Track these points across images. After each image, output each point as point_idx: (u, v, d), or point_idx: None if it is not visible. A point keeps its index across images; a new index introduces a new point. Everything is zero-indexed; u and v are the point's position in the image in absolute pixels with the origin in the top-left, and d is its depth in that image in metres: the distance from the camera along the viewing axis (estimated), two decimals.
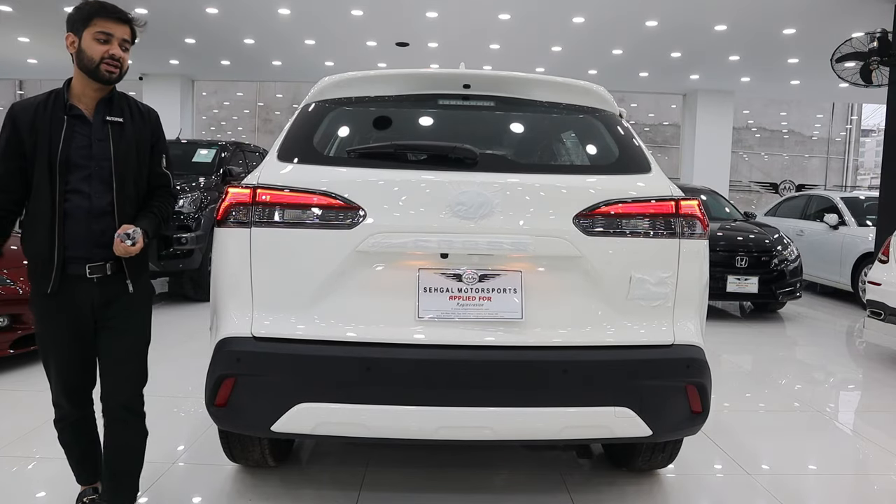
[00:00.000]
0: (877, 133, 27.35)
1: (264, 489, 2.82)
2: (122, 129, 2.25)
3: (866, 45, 7.40)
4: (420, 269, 2.21)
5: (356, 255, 2.19)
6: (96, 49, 2.16)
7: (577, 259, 2.24)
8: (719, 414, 3.95)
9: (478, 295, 2.20)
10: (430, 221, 2.21)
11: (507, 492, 2.88)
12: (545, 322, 2.23)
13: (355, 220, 2.20)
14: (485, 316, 2.19)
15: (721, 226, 7.53)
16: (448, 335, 2.17)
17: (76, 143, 2.17)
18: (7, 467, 2.94)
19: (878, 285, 5.38)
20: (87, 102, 2.22)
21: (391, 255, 2.21)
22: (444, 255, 2.21)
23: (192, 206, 6.92)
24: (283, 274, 2.22)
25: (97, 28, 2.16)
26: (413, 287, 2.19)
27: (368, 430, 2.24)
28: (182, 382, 4.16)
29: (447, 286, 2.20)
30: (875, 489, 3.14)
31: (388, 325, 2.18)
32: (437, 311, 2.18)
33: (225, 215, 2.33)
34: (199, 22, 11.07)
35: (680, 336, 2.34)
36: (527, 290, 2.23)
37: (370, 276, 2.21)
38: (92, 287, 2.22)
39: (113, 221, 2.20)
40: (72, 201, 2.17)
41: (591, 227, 2.26)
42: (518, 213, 2.24)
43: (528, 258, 2.24)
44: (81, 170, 2.17)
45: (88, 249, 2.19)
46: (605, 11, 9.95)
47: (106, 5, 2.20)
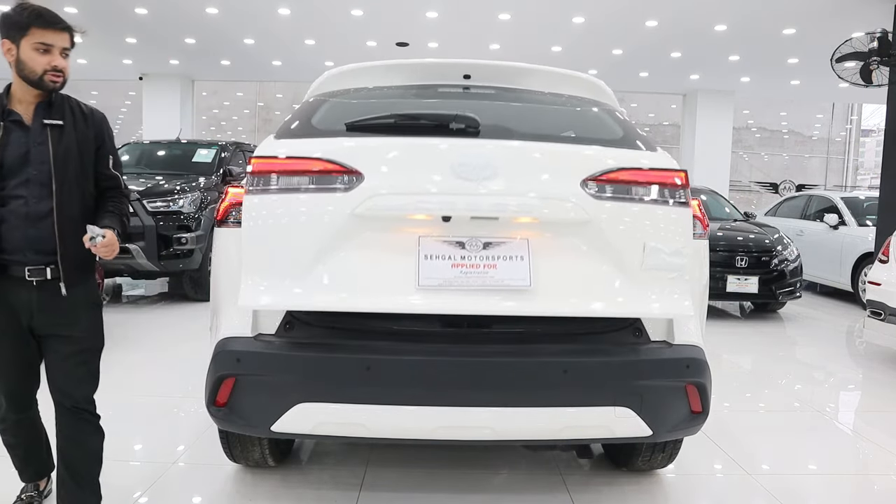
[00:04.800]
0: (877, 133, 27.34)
1: (264, 489, 2.82)
2: (62, 131, 2.20)
3: (866, 45, 7.39)
4: (421, 236, 2.11)
5: (353, 220, 2.09)
6: (38, 61, 2.12)
7: (586, 224, 2.14)
8: (719, 414, 3.95)
9: (482, 262, 2.08)
10: (430, 183, 2.11)
11: (507, 492, 2.88)
12: (555, 291, 2.11)
13: (352, 184, 2.10)
14: (490, 284, 2.06)
15: (721, 226, 7.53)
16: (450, 304, 2.06)
17: (12, 148, 2.14)
18: (7, 467, 2.94)
19: (878, 285, 5.38)
20: (26, 108, 2.18)
21: (390, 219, 2.12)
22: (445, 218, 2.10)
23: (192, 206, 6.92)
24: (276, 241, 2.12)
25: (36, 39, 2.11)
26: (413, 255, 2.08)
27: (368, 430, 2.23)
28: (182, 382, 4.16)
29: (449, 253, 2.09)
30: (875, 489, 3.14)
31: (387, 294, 2.08)
32: (439, 278, 2.06)
33: (225, 215, 2.34)
34: (199, 22, 11.06)
35: (680, 336, 2.35)
36: (534, 257, 2.11)
37: (368, 243, 2.11)
38: (31, 290, 2.17)
39: (52, 226, 2.15)
40: (10, 206, 2.14)
41: (601, 192, 2.16)
42: (523, 175, 2.14)
43: (534, 225, 2.14)
44: (19, 175, 2.14)
45: (25, 254, 2.15)
46: (605, 11, 9.95)
47: (43, 14, 2.13)
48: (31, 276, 2.15)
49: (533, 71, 2.65)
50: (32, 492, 2.53)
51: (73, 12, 10.66)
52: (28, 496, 2.51)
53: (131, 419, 3.45)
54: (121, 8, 10.38)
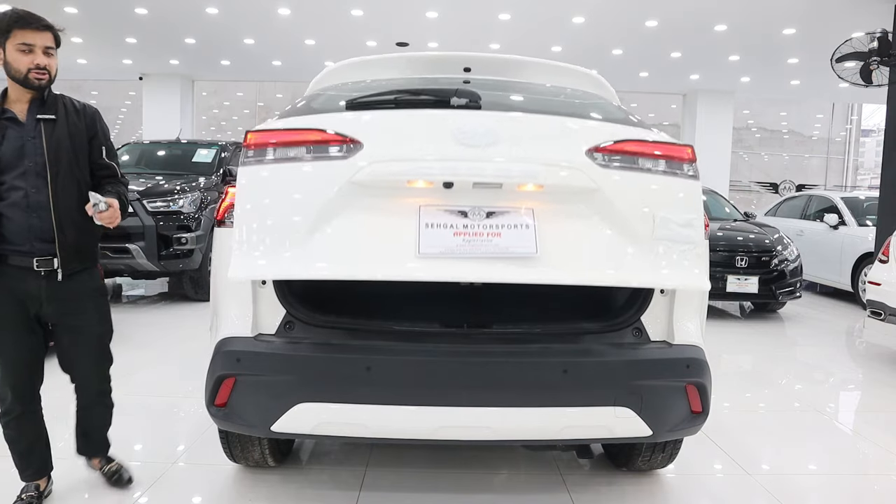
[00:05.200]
0: (877, 133, 27.33)
1: (264, 489, 2.81)
2: (55, 125, 2.34)
3: (866, 45, 7.39)
4: (421, 205, 2.02)
5: (351, 188, 2.01)
6: (21, 60, 2.26)
7: (593, 192, 2.06)
8: (719, 414, 3.94)
9: (486, 231, 1.99)
10: (431, 150, 2.04)
11: (507, 492, 2.88)
12: (563, 260, 2.02)
13: (351, 152, 2.03)
14: (494, 252, 1.96)
15: (721, 226, 7.53)
16: (453, 271, 1.95)
17: (9, 143, 2.29)
18: (7, 466, 2.94)
19: (878, 285, 5.38)
20: (20, 106, 2.34)
21: (390, 187, 2.03)
22: (447, 184, 2.01)
23: (192, 206, 6.92)
24: (270, 211, 2.04)
25: (18, 40, 2.25)
26: (414, 224, 2.00)
27: (369, 430, 2.23)
28: (182, 382, 4.16)
29: (451, 222, 2.00)
30: (875, 489, 3.14)
31: (386, 263, 1.98)
32: (441, 246, 1.96)
33: (225, 215, 2.33)
34: (199, 22, 11.07)
35: (680, 336, 2.35)
36: (540, 226, 2.01)
37: (367, 213, 2.03)
38: (40, 280, 2.31)
39: (50, 214, 2.30)
40: (10, 198, 2.28)
41: (608, 161, 2.09)
42: (527, 144, 2.08)
43: (539, 194, 2.06)
44: (16, 168, 2.29)
45: (31, 243, 2.30)
46: (605, 11, 9.95)
47: (24, 15, 2.26)
48: (39, 267, 2.29)
49: (534, 63, 2.64)
50: (33, 492, 2.55)
51: (73, 12, 10.67)
52: (28, 496, 2.53)
53: (131, 419, 3.44)
54: (121, 8, 10.38)
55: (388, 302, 3.30)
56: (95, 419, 2.69)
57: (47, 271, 2.31)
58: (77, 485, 2.79)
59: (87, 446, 2.75)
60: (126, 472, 2.75)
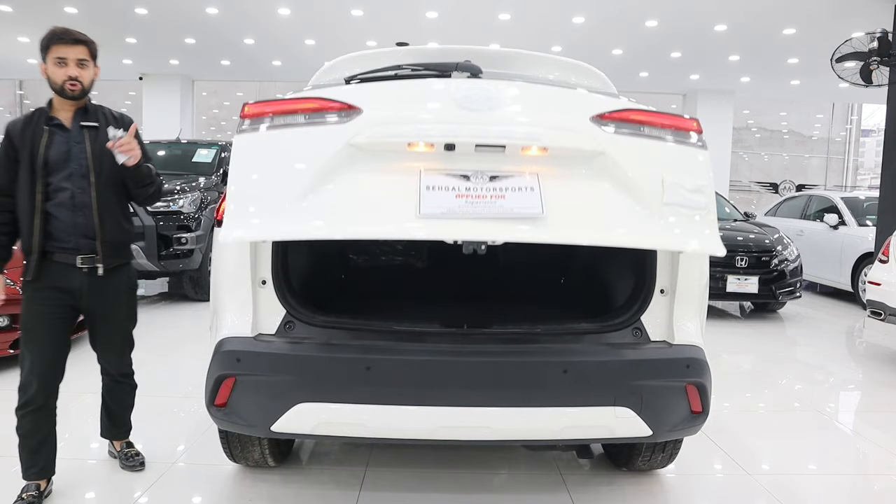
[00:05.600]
0: (877, 133, 27.32)
1: (264, 489, 2.81)
2: (97, 132, 2.57)
3: (866, 45, 7.39)
4: (422, 169, 1.93)
5: (349, 151, 1.93)
6: (57, 73, 2.51)
7: (599, 156, 1.98)
8: (719, 414, 3.94)
9: (489, 193, 1.90)
10: (432, 112, 1.99)
11: (507, 492, 2.88)
12: (570, 220, 1.93)
13: (349, 117, 1.96)
14: (498, 213, 1.87)
15: (721, 226, 7.47)
16: (455, 231, 1.86)
17: (56, 147, 2.51)
18: (7, 467, 2.94)
19: (878, 285, 5.38)
20: (66, 114, 2.57)
21: (389, 151, 1.95)
22: (448, 146, 1.93)
23: (192, 206, 6.92)
24: (265, 175, 1.96)
25: (54, 54, 2.50)
26: (414, 187, 1.90)
27: (369, 430, 2.23)
28: (182, 382, 4.16)
29: (453, 185, 1.91)
30: (875, 489, 3.14)
31: (385, 223, 1.89)
32: (443, 207, 1.86)
33: None
34: (199, 22, 11.07)
35: (680, 336, 2.35)
36: (545, 189, 1.92)
37: (366, 176, 1.94)
38: (83, 275, 2.53)
39: (93, 213, 2.52)
40: (57, 198, 2.50)
41: (612, 127, 2.02)
42: (530, 109, 2.03)
43: (544, 158, 1.98)
44: (63, 170, 2.51)
45: (76, 240, 2.51)
46: (605, 11, 9.95)
47: (59, 32, 2.51)
48: (82, 264, 2.52)
49: (537, 57, 2.62)
50: (34, 491, 2.56)
51: (73, 12, 10.67)
52: (29, 496, 2.55)
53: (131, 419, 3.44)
54: (121, 8, 10.38)
55: (388, 301, 3.30)
56: (121, 399, 2.90)
57: (90, 268, 2.52)
58: (77, 485, 2.79)
59: (112, 429, 2.94)
60: (141, 457, 2.94)
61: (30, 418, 2.54)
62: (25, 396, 2.53)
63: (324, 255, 3.36)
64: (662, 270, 2.43)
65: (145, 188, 2.67)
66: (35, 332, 2.53)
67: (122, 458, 2.92)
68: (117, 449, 2.96)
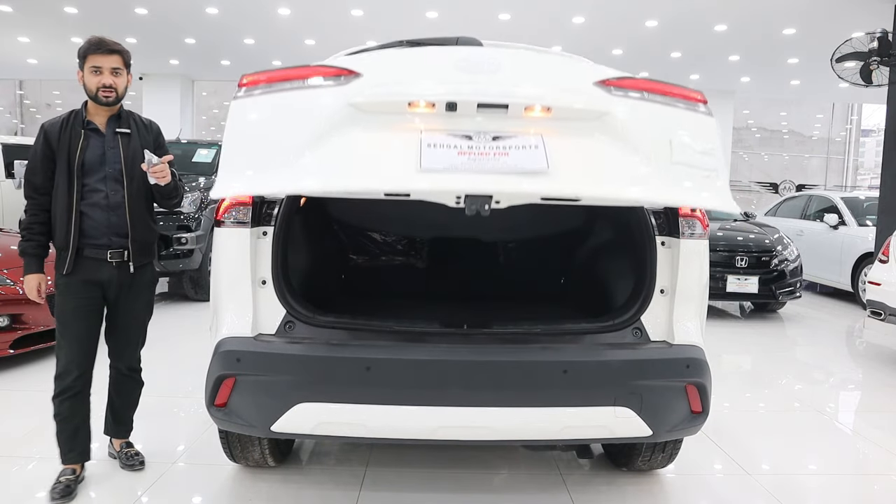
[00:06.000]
0: (877, 133, 27.32)
1: (264, 489, 2.81)
2: (130, 138, 2.73)
3: (866, 45, 7.39)
4: (423, 130, 1.85)
5: (348, 111, 1.86)
6: (92, 81, 2.64)
7: (604, 117, 1.91)
8: (719, 414, 3.94)
9: (492, 151, 1.82)
10: (433, 74, 1.93)
11: (507, 492, 2.88)
12: (577, 174, 1.85)
13: (348, 80, 1.90)
14: (501, 168, 1.79)
15: (721, 226, 7.53)
16: (458, 183, 1.77)
17: (92, 150, 2.66)
18: (7, 467, 2.94)
19: (878, 285, 5.38)
20: (100, 119, 2.71)
21: (390, 112, 1.89)
22: (450, 106, 1.85)
23: (192, 206, 6.91)
24: (260, 135, 1.91)
25: (90, 63, 2.63)
26: (415, 146, 1.82)
27: (369, 430, 2.23)
28: (182, 382, 4.16)
29: (455, 143, 1.83)
30: (875, 489, 3.14)
31: (384, 177, 1.81)
32: (444, 163, 1.78)
33: (224, 215, 2.33)
34: (199, 22, 11.07)
35: (680, 336, 2.35)
36: (550, 147, 1.84)
37: (365, 134, 1.87)
38: (112, 269, 2.68)
39: (125, 213, 2.68)
40: (92, 198, 2.65)
41: (617, 91, 1.96)
42: (533, 72, 1.97)
43: (547, 120, 1.90)
44: (98, 172, 2.66)
45: (109, 238, 2.66)
46: (605, 11, 9.96)
47: (95, 42, 2.64)
48: (111, 259, 2.67)
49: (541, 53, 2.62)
50: (70, 475, 2.69)
51: (73, 12, 10.67)
52: (67, 479, 2.67)
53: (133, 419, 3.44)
54: (121, 8, 10.38)
55: (388, 302, 3.30)
56: (126, 394, 2.95)
57: (118, 262, 2.68)
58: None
59: (114, 426, 2.97)
60: (141, 456, 2.96)
61: (67, 404, 2.68)
62: (63, 384, 2.67)
63: (324, 255, 3.36)
64: (662, 270, 2.43)
65: (171, 199, 2.83)
66: (70, 323, 2.66)
67: (122, 457, 2.94)
68: (117, 449, 2.98)
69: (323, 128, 1.85)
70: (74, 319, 2.67)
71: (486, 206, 1.85)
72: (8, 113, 27.36)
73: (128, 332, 2.85)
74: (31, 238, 2.66)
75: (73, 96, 23.45)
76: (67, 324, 2.67)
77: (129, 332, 2.85)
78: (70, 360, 2.67)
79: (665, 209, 2.48)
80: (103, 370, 2.87)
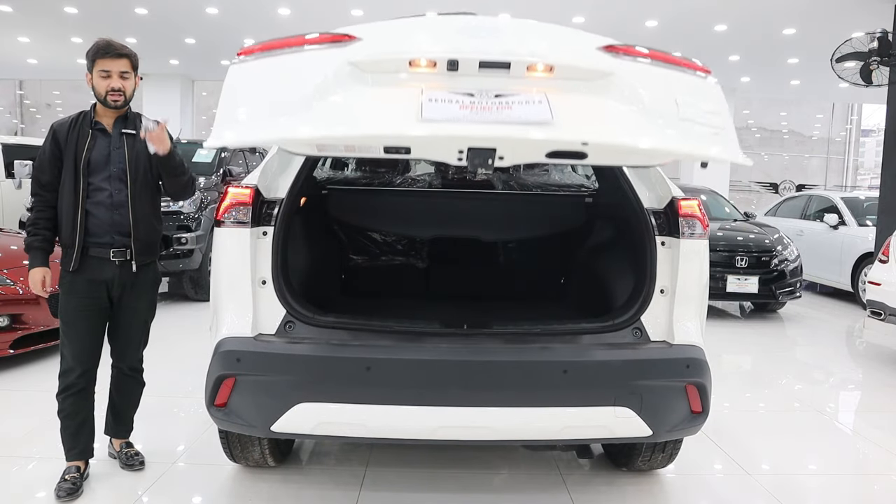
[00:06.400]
0: (877, 133, 27.31)
1: (264, 489, 2.81)
2: (135, 139, 2.74)
3: (866, 45, 7.38)
4: (424, 88, 1.81)
5: (348, 70, 1.82)
6: (101, 84, 2.67)
7: (609, 77, 1.87)
8: (719, 414, 3.94)
9: (495, 106, 1.78)
10: (434, 37, 1.91)
11: (507, 492, 2.88)
12: (583, 123, 1.80)
13: (348, 44, 1.87)
14: (504, 119, 1.74)
15: (721, 226, 7.52)
16: (461, 130, 1.72)
17: (98, 150, 2.70)
18: (7, 467, 2.94)
19: (878, 285, 5.38)
20: (108, 120, 2.75)
21: (390, 71, 1.84)
22: (451, 63, 1.81)
23: (192, 206, 6.91)
24: (256, 92, 1.86)
25: (99, 67, 2.67)
26: (416, 100, 1.77)
27: (369, 430, 2.24)
28: (182, 382, 4.16)
29: (457, 99, 1.78)
30: (875, 489, 3.14)
31: (384, 125, 1.77)
32: (446, 114, 1.74)
33: (224, 215, 2.34)
34: (199, 22, 11.07)
35: (680, 336, 2.35)
36: (554, 103, 1.78)
37: (365, 90, 1.82)
38: (114, 268, 2.70)
39: (128, 212, 2.70)
40: (97, 197, 2.68)
41: (620, 55, 1.92)
42: (535, 35, 1.93)
43: (550, 80, 1.85)
44: (103, 171, 2.69)
45: (111, 236, 2.68)
46: (605, 11, 9.95)
47: (103, 46, 2.67)
48: (114, 258, 2.69)
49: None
50: (75, 473, 2.71)
51: (73, 12, 10.67)
52: (72, 477, 2.69)
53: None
54: (121, 8, 10.39)
55: (388, 302, 3.30)
56: (128, 393, 2.97)
57: (121, 261, 2.70)
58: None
59: (115, 426, 2.99)
60: (141, 456, 2.97)
61: (71, 401, 2.71)
62: (67, 381, 2.71)
63: (324, 255, 3.36)
64: (662, 270, 2.43)
65: (179, 178, 2.80)
66: (74, 321, 2.69)
67: (122, 457, 2.95)
68: (116, 449, 2.98)
69: (321, 84, 1.80)
70: (78, 318, 2.69)
71: (490, 160, 1.80)
72: (8, 113, 27.37)
73: (130, 332, 2.85)
74: (37, 233, 2.70)
75: (73, 96, 23.46)
76: (71, 322, 2.69)
77: (131, 332, 2.86)
78: (73, 357, 2.70)
79: (665, 209, 2.49)
80: (105, 370, 2.87)
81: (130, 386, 2.97)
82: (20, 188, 8.05)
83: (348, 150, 2.00)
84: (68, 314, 2.70)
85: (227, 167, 7.77)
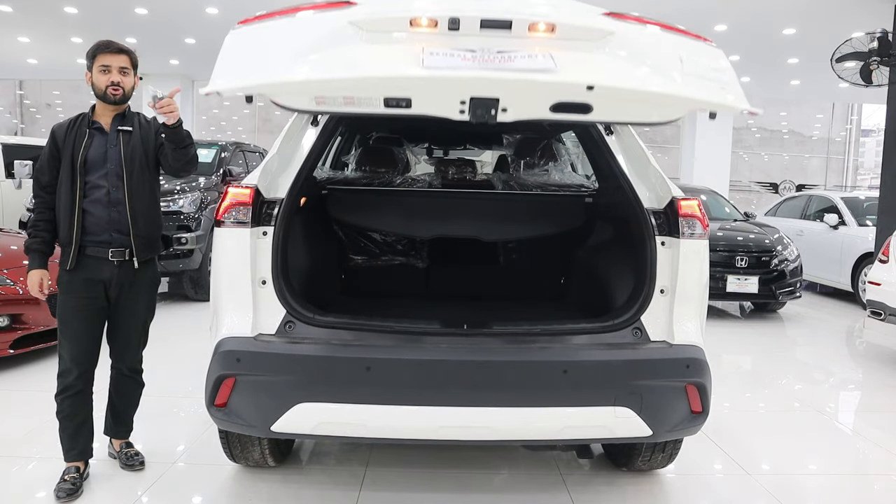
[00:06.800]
0: (877, 133, 27.30)
1: (264, 489, 2.81)
2: (131, 135, 2.78)
3: (866, 45, 7.38)
4: (424, 46, 1.78)
5: (349, 29, 1.81)
6: (101, 79, 2.71)
7: (611, 36, 1.84)
8: (719, 414, 3.94)
9: (497, 58, 1.75)
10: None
11: (507, 492, 2.88)
12: (590, 72, 1.78)
13: (347, 7, 1.86)
14: (507, 68, 1.72)
15: (721, 226, 7.52)
16: (462, 72, 1.71)
17: (95, 148, 2.72)
18: (7, 467, 2.94)
19: (878, 285, 5.38)
20: (106, 119, 2.77)
21: (391, 30, 1.82)
22: (452, 22, 1.79)
23: (192, 206, 6.91)
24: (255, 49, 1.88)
25: (99, 63, 2.70)
26: (417, 55, 1.76)
27: (369, 430, 2.24)
28: (182, 382, 4.16)
29: (458, 53, 1.76)
30: (875, 489, 3.14)
31: (382, 69, 1.76)
32: (448, 63, 1.72)
33: (224, 215, 2.34)
34: (199, 22, 11.06)
35: (680, 336, 2.35)
36: (557, 57, 1.76)
37: (366, 46, 1.80)
38: (113, 268, 2.70)
39: (126, 209, 2.70)
40: (94, 195, 2.69)
41: (622, 19, 1.91)
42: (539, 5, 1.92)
43: (553, 40, 1.82)
44: (100, 169, 2.71)
45: (110, 234, 2.69)
46: None
47: (103, 43, 2.72)
48: (112, 257, 2.69)
49: None
50: (75, 473, 2.71)
51: (73, 12, 10.67)
52: (72, 477, 2.70)
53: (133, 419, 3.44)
54: (121, 8, 10.38)
55: (388, 301, 3.30)
56: (127, 394, 2.96)
57: (119, 262, 2.70)
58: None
59: (114, 427, 2.99)
60: (141, 456, 2.97)
61: (69, 402, 2.71)
62: (65, 382, 2.71)
63: (324, 255, 3.36)
64: (662, 270, 2.43)
65: (186, 149, 2.75)
66: (71, 321, 2.69)
67: (122, 458, 2.95)
68: (116, 449, 2.99)
69: (321, 41, 1.79)
70: (75, 318, 2.69)
71: (493, 110, 1.79)
72: (8, 113, 27.35)
73: (129, 333, 2.85)
74: (37, 234, 2.71)
75: (73, 96, 23.44)
76: (68, 322, 2.69)
77: (130, 333, 2.85)
78: (71, 358, 2.69)
79: (665, 209, 2.49)
80: (104, 370, 2.87)
81: (130, 387, 2.96)
82: (20, 188, 8.06)
83: (347, 102, 1.94)
84: (65, 313, 2.70)
85: (227, 167, 7.77)
